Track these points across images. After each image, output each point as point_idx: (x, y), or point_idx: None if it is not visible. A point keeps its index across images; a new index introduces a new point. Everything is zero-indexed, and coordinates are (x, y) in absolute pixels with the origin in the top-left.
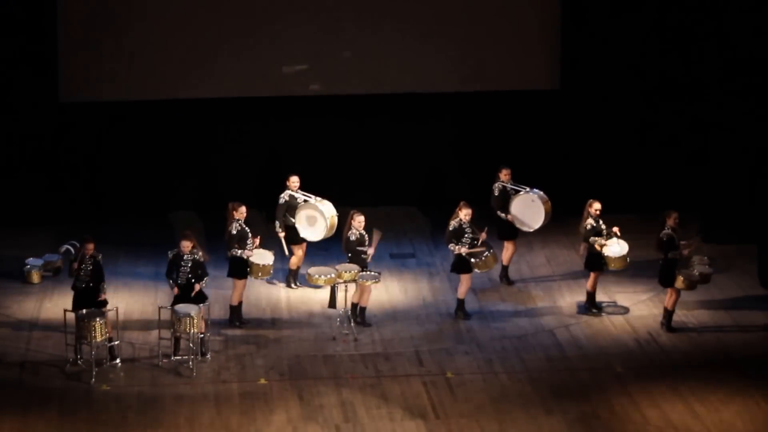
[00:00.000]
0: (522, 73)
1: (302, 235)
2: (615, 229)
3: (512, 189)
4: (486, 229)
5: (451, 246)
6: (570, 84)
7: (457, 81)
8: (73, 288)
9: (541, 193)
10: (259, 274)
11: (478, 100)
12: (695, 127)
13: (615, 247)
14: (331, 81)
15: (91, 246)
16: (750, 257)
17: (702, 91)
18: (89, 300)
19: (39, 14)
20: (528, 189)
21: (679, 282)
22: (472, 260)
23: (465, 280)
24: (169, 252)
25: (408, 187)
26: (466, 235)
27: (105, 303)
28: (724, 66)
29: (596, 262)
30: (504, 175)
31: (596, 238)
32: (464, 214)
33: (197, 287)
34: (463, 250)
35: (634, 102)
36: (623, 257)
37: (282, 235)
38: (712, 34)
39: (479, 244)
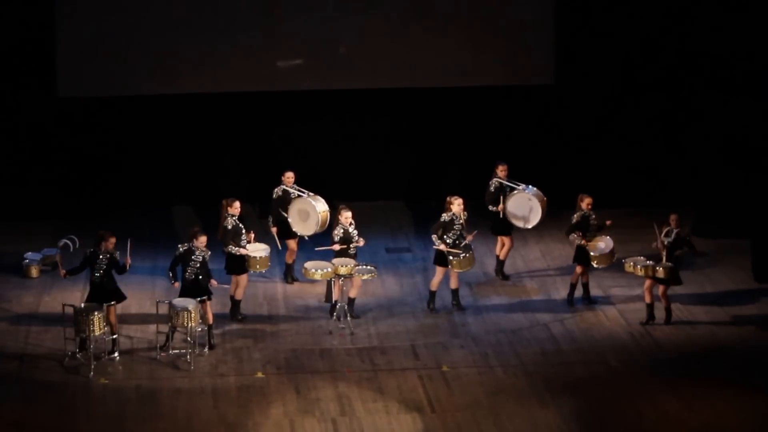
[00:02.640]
0: (517, 68)
1: (294, 229)
2: (608, 222)
3: (508, 185)
4: (475, 232)
5: (434, 237)
6: (565, 79)
7: (452, 76)
8: (90, 282)
9: (536, 190)
10: (257, 267)
11: (474, 95)
12: (689, 121)
13: (600, 244)
14: (328, 76)
15: (113, 240)
16: (743, 252)
17: (697, 86)
18: (104, 293)
19: (37, 9)
20: (524, 186)
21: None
22: (450, 258)
23: (439, 273)
24: (179, 246)
25: (404, 183)
26: (454, 231)
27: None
28: (719, 61)
29: (582, 256)
30: (501, 171)
31: (576, 233)
32: (457, 204)
33: (214, 283)
34: (443, 247)
35: (629, 97)
36: (606, 255)
37: (274, 230)
38: (707, 29)
39: (462, 245)
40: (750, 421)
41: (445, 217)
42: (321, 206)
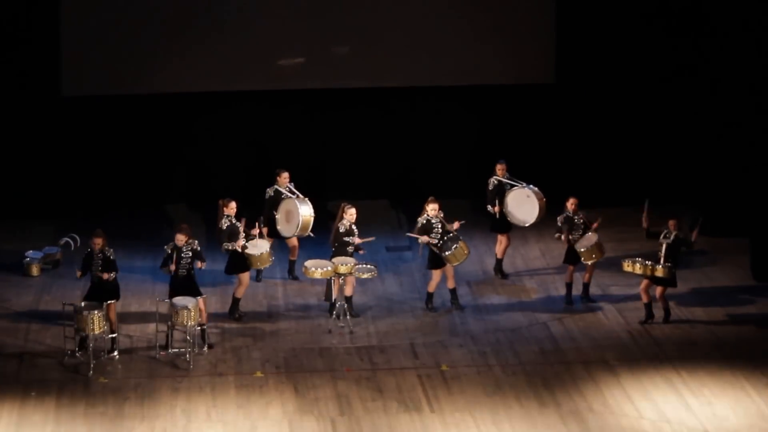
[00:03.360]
0: (517, 67)
1: (278, 227)
2: (595, 224)
3: (507, 184)
4: (459, 222)
5: (423, 239)
6: (565, 78)
7: (453, 75)
8: (90, 281)
9: (536, 189)
10: (258, 264)
11: (474, 94)
12: (689, 119)
13: (583, 241)
14: (328, 75)
15: (98, 240)
16: (743, 250)
17: (696, 84)
18: (103, 292)
19: (41, 8)
20: (524, 184)
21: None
22: (445, 254)
23: (436, 275)
24: (165, 247)
25: (404, 181)
26: (435, 232)
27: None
28: (719, 59)
29: (571, 256)
30: (499, 170)
31: (563, 232)
32: (431, 209)
33: (200, 264)
34: (425, 239)
35: (629, 95)
36: (588, 251)
37: (265, 230)
38: (707, 27)
39: (449, 237)
40: (749, 421)
41: (420, 221)
42: (306, 210)
